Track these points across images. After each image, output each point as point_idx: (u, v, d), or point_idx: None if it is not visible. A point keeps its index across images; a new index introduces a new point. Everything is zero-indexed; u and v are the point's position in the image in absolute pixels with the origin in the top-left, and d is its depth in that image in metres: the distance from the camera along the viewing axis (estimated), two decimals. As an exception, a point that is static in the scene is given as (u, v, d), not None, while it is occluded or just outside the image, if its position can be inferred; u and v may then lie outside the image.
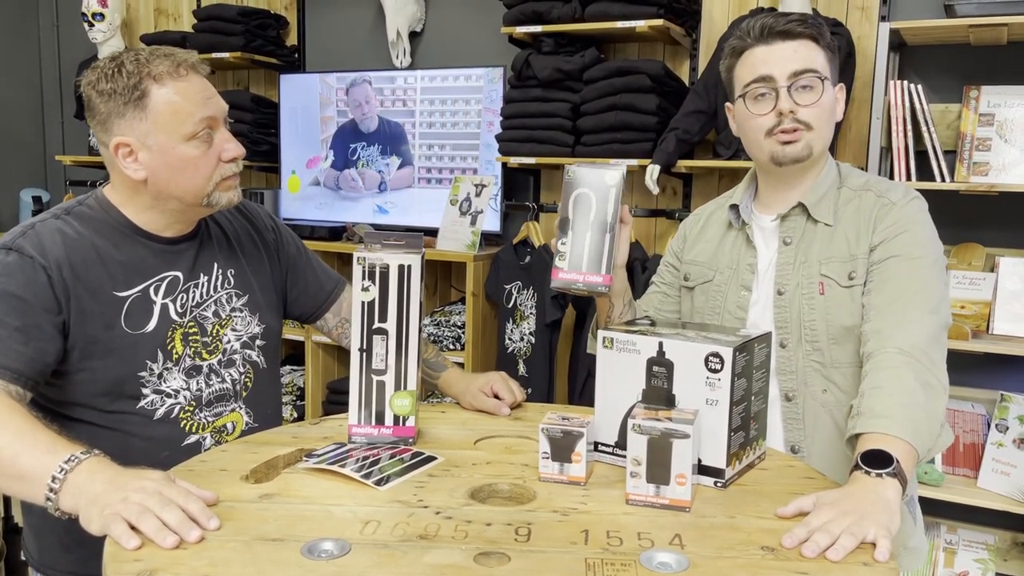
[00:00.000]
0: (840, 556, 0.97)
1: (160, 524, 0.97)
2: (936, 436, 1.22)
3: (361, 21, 3.65)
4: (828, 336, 1.42)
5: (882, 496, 1.06)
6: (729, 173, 2.95)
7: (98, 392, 1.35)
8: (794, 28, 1.41)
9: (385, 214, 3.45)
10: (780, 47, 1.41)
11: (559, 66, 2.88)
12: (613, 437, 1.28)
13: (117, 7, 3.80)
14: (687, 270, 1.62)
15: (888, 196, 1.44)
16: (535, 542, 1.01)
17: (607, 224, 1.26)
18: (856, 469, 1.12)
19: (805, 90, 1.41)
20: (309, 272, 1.65)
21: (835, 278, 1.42)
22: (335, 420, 1.48)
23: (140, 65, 1.31)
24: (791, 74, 1.40)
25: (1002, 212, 2.60)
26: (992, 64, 2.59)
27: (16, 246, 1.30)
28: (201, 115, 1.33)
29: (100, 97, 1.32)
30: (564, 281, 1.28)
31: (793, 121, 1.40)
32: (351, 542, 0.99)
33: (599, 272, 1.27)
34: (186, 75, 1.33)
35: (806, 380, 1.44)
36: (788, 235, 1.49)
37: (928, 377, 1.25)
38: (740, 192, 1.58)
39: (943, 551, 2.59)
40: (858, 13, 2.73)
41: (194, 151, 1.33)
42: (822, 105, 1.41)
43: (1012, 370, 2.60)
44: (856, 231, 1.44)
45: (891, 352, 1.27)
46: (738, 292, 1.52)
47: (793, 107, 1.40)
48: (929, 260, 1.37)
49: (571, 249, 1.27)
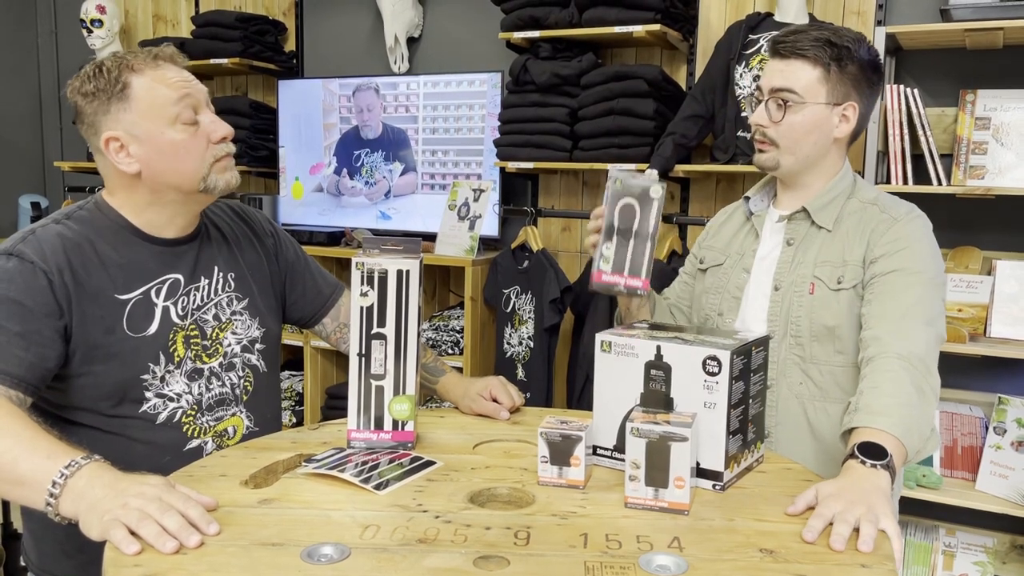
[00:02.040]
0: (870, 547, 1.00)
1: (160, 529, 0.98)
2: (926, 439, 1.29)
3: (359, 27, 3.65)
4: (810, 333, 1.49)
5: (879, 486, 1.12)
6: (727, 177, 2.95)
7: (101, 396, 1.35)
8: (790, 50, 1.50)
9: (388, 220, 3.45)
10: (774, 63, 1.53)
11: (557, 71, 2.88)
12: (612, 440, 1.28)
13: (115, 13, 3.81)
14: (704, 254, 1.71)
15: (890, 212, 1.51)
16: (534, 546, 1.01)
17: (648, 234, 1.33)
18: (852, 459, 1.17)
19: (777, 108, 1.50)
20: (308, 277, 1.66)
21: (825, 280, 1.50)
22: (334, 425, 1.48)
23: (119, 60, 1.35)
24: (770, 89, 1.51)
25: (999, 215, 2.61)
26: (988, 68, 2.59)
27: (16, 251, 1.30)
28: (180, 96, 1.36)
29: (85, 99, 1.35)
30: (606, 284, 1.35)
31: (761, 134, 1.53)
32: (350, 546, 0.99)
33: (640, 277, 1.34)
34: (164, 64, 1.38)
35: (785, 371, 1.53)
36: (791, 236, 1.56)
37: (923, 384, 1.31)
38: (757, 187, 1.68)
39: (942, 554, 2.60)
40: (854, 18, 2.74)
41: (181, 134, 1.36)
42: (790, 124, 1.50)
43: (1009, 373, 2.61)
44: (853, 240, 1.51)
45: (891, 357, 1.33)
46: (739, 274, 1.61)
47: (763, 122, 1.52)
48: (929, 276, 1.43)
49: (615, 254, 1.33)
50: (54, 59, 4.41)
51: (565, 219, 3.25)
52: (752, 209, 1.64)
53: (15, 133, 4.36)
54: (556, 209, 3.19)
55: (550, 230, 3.30)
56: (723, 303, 1.61)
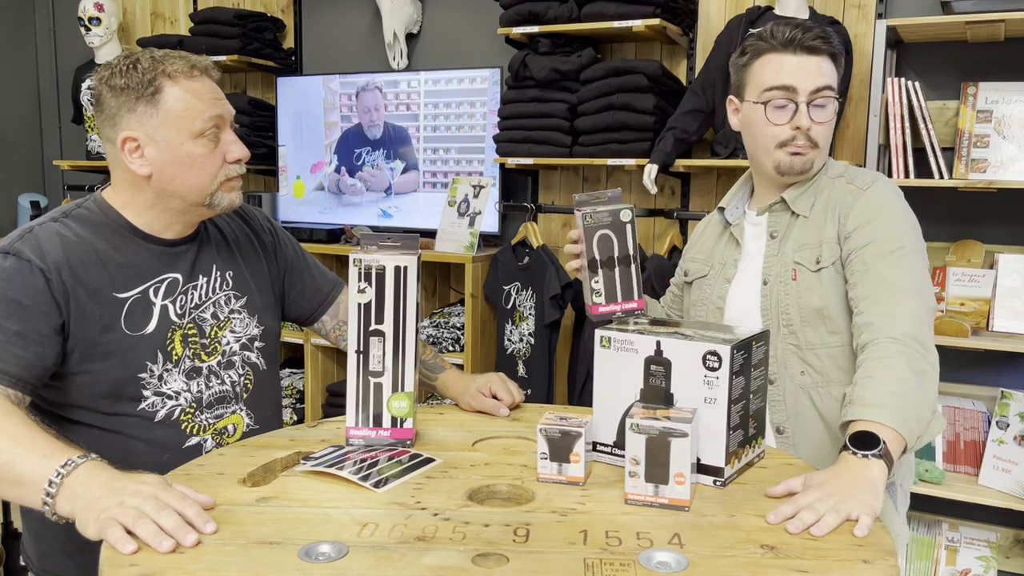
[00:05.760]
0: (823, 532, 1.02)
1: (156, 528, 0.97)
2: (927, 423, 1.27)
3: (358, 23, 3.64)
4: (800, 318, 1.49)
5: (867, 476, 1.12)
6: (727, 172, 2.94)
7: (99, 394, 1.34)
8: (820, 45, 1.46)
9: (389, 218, 3.44)
10: (807, 60, 1.46)
11: (556, 66, 2.88)
12: (611, 437, 1.27)
13: (113, 11, 3.80)
14: (687, 267, 1.70)
15: (856, 183, 1.50)
16: (534, 543, 1.01)
17: (630, 256, 1.35)
18: (844, 450, 1.17)
19: (821, 109, 1.47)
20: (306, 274, 1.65)
21: (805, 264, 1.49)
22: (333, 423, 1.48)
23: (155, 63, 1.34)
24: (813, 90, 1.46)
25: (1001, 209, 2.59)
26: (989, 61, 2.58)
27: (14, 250, 1.30)
28: (210, 113, 1.36)
29: (111, 92, 1.34)
30: (604, 315, 1.37)
31: (806, 138, 1.46)
32: (349, 545, 0.99)
33: (633, 299, 1.35)
34: (199, 76, 1.37)
35: (785, 363, 1.51)
36: (774, 229, 1.55)
37: (921, 363, 1.30)
38: (731, 195, 1.65)
39: (945, 549, 2.59)
40: (855, 11, 2.73)
41: (201, 149, 1.36)
42: (831, 124, 1.49)
43: (1012, 367, 2.60)
44: (824, 217, 1.49)
45: (884, 341, 1.31)
46: (721, 285, 1.60)
47: (810, 124, 1.46)
48: (910, 247, 1.41)
49: (604, 285, 1.35)
50: (53, 58, 4.40)
51: (565, 215, 3.24)
52: (729, 219, 1.62)
53: (14, 132, 4.36)
54: (556, 205, 3.18)
55: (550, 226, 3.29)
56: (708, 315, 1.60)
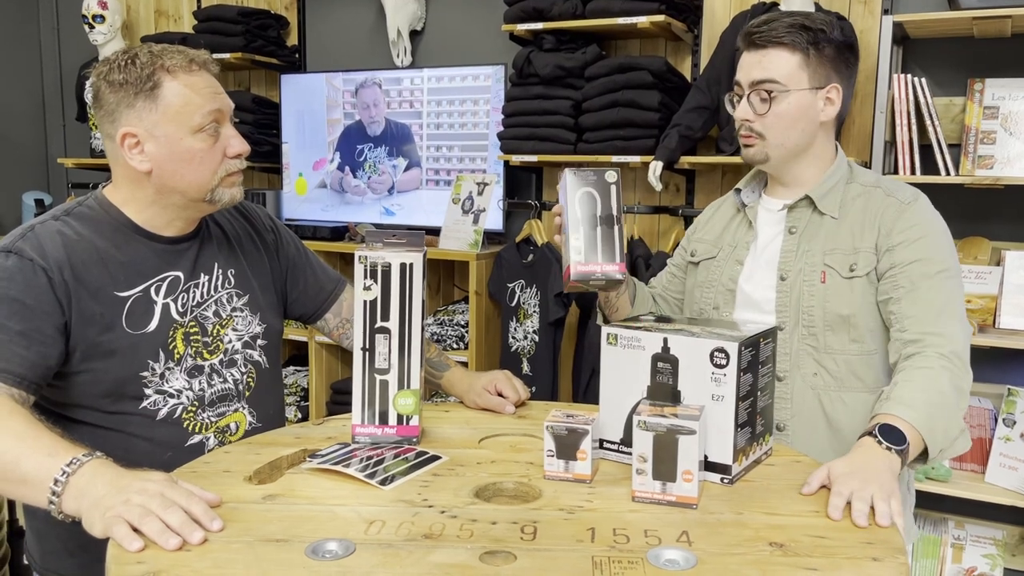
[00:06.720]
0: (888, 521, 1.05)
1: (163, 526, 0.97)
2: (953, 439, 1.30)
3: (361, 20, 3.64)
4: (824, 323, 1.48)
5: (890, 467, 1.15)
6: (732, 169, 2.93)
7: (100, 393, 1.34)
8: (769, 38, 1.47)
9: (392, 216, 3.44)
10: (751, 55, 1.50)
11: (560, 63, 2.87)
12: (618, 434, 1.27)
13: (117, 9, 3.80)
14: (694, 247, 1.70)
15: (897, 196, 1.50)
16: (541, 540, 1.00)
17: (614, 216, 1.30)
18: (869, 436, 1.19)
19: (762, 101, 1.48)
20: (309, 272, 1.65)
21: (837, 268, 1.48)
22: (339, 420, 1.47)
23: (154, 57, 1.33)
24: (751, 83, 1.49)
25: (1007, 205, 2.58)
26: (996, 57, 2.57)
27: (16, 249, 1.29)
28: (209, 108, 1.35)
29: (110, 87, 1.33)
30: (582, 274, 1.30)
31: (747, 129, 1.51)
32: (355, 542, 0.98)
33: (614, 261, 1.30)
34: (198, 71, 1.36)
35: (799, 363, 1.50)
36: (794, 225, 1.54)
37: (961, 383, 1.34)
38: (747, 178, 1.65)
39: (951, 547, 2.58)
40: (860, 7, 2.72)
41: (200, 144, 1.35)
42: (776, 115, 1.48)
43: (1019, 364, 2.59)
44: (862, 226, 1.49)
45: (932, 356, 1.34)
46: (733, 266, 1.59)
47: (749, 116, 1.50)
48: (952, 270, 1.45)
49: (584, 244, 1.30)
50: (56, 56, 4.41)
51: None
52: (744, 200, 1.63)
53: (18, 130, 4.36)
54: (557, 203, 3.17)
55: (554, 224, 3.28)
56: (718, 296, 1.59)
